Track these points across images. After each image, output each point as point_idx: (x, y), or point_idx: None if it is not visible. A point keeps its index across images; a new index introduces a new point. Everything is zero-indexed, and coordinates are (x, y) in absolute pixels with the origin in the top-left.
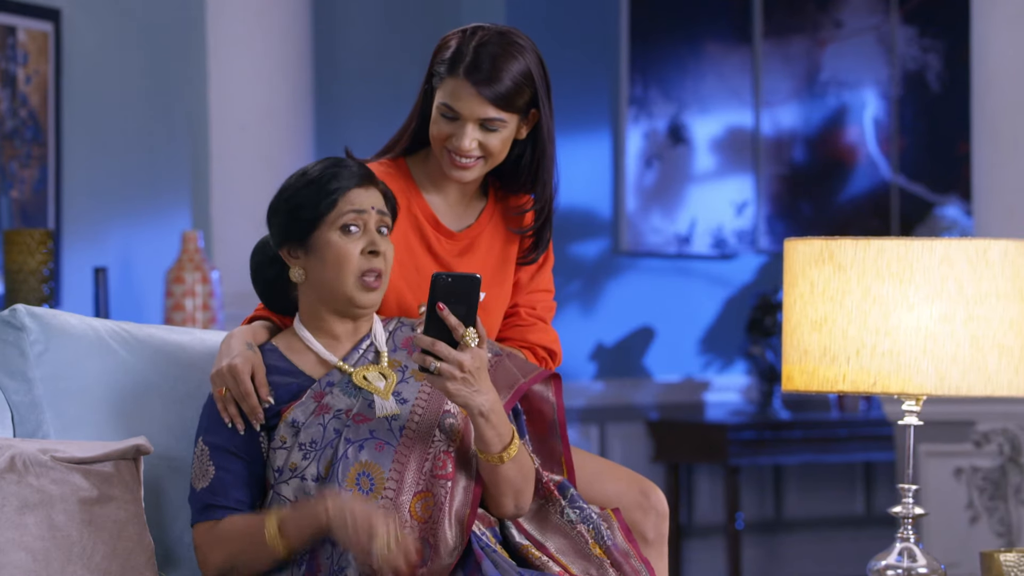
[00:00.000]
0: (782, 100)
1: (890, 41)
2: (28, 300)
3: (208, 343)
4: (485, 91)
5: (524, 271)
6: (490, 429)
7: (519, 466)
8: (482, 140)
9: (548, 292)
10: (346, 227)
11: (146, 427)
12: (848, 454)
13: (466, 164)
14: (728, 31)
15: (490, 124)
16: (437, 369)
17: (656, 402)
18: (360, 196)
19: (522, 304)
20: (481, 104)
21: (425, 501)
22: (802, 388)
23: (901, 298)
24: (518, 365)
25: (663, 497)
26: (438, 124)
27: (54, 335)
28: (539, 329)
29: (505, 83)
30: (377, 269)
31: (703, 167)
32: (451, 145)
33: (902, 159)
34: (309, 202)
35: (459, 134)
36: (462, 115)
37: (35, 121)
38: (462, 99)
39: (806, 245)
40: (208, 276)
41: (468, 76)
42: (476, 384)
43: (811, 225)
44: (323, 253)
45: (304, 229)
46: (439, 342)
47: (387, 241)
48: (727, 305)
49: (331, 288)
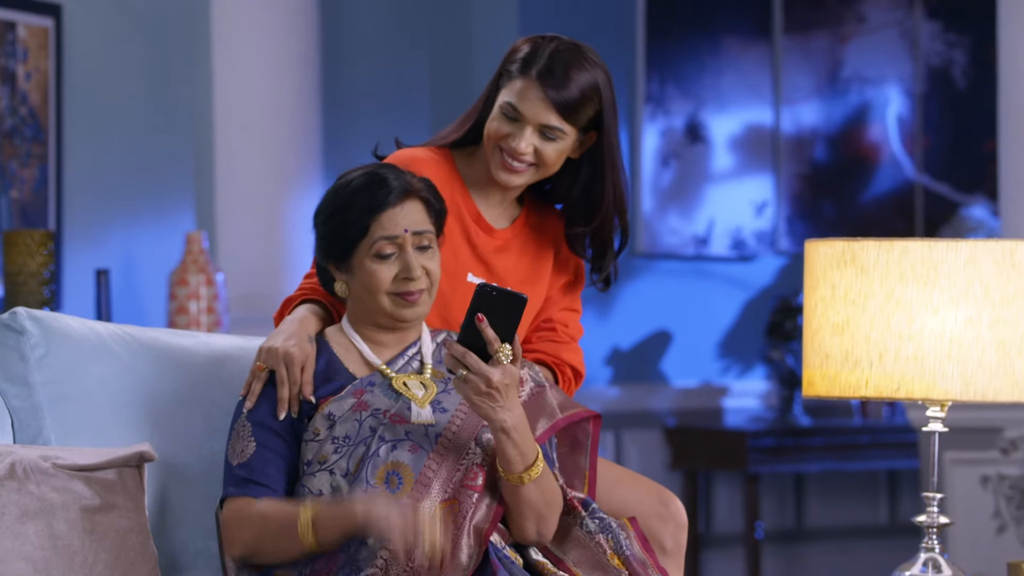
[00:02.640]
0: (803, 97)
1: (914, 36)
2: (28, 303)
3: (213, 347)
4: (553, 95)
5: (558, 286)
6: (511, 447)
7: (542, 490)
8: (538, 146)
9: (577, 313)
10: (379, 254)
11: (150, 433)
12: (871, 462)
13: (517, 168)
14: (747, 26)
15: (550, 132)
16: (464, 377)
17: (673, 408)
18: (394, 218)
19: (558, 320)
20: (546, 109)
21: (450, 509)
22: (823, 393)
23: (926, 301)
24: (560, 400)
25: (682, 507)
26: (497, 122)
27: (55, 339)
28: (571, 349)
29: (573, 92)
30: (413, 292)
31: (721, 166)
32: (506, 145)
33: (926, 158)
34: (342, 228)
35: (517, 136)
36: (524, 116)
37: (35, 119)
38: (528, 100)
39: (828, 246)
40: (213, 278)
41: (539, 79)
42: (502, 400)
43: (833, 226)
44: (359, 276)
45: (340, 253)
46: (470, 353)
47: (429, 256)
48: (746, 308)
49: (371, 307)
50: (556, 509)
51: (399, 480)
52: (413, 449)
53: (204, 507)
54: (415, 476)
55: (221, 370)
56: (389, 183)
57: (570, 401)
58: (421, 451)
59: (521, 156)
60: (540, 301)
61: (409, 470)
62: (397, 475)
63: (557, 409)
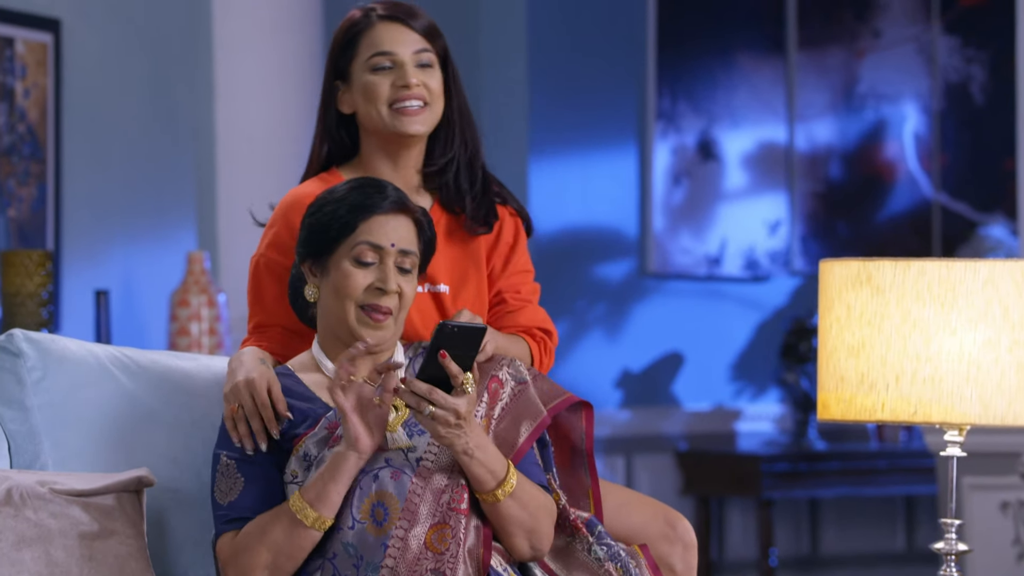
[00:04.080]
0: (817, 114)
1: (931, 51)
2: (26, 324)
3: (214, 369)
4: (411, 23)
5: (496, 256)
6: (477, 466)
7: (522, 504)
8: (424, 80)
9: (528, 272)
10: (359, 259)
11: (149, 458)
12: (888, 487)
13: (414, 109)
14: (760, 41)
15: (424, 59)
16: (432, 414)
17: (685, 432)
18: (383, 227)
19: (505, 289)
20: (412, 37)
21: (441, 533)
22: (839, 417)
23: (943, 322)
24: (545, 390)
25: (690, 528)
26: (375, 77)
27: (52, 361)
28: (529, 311)
29: (425, 18)
30: (382, 307)
31: (734, 184)
32: (396, 90)
33: (944, 176)
34: (328, 223)
35: (402, 75)
36: (397, 54)
37: (33, 137)
38: (393, 38)
39: (843, 266)
40: (214, 299)
41: (391, 19)
42: (465, 427)
43: (848, 245)
44: (333, 277)
45: (321, 250)
46: (436, 390)
47: (407, 279)
48: (760, 330)
49: (336, 316)
50: (546, 519)
51: (385, 512)
52: (395, 476)
53: (205, 533)
54: (401, 504)
55: (221, 393)
56: (387, 191)
57: (556, 389)
58: (403, 476)
59: (414, 90)
60: (483, 280)
61: (394, 498)
62: (382, 506)
63: (541, 406)
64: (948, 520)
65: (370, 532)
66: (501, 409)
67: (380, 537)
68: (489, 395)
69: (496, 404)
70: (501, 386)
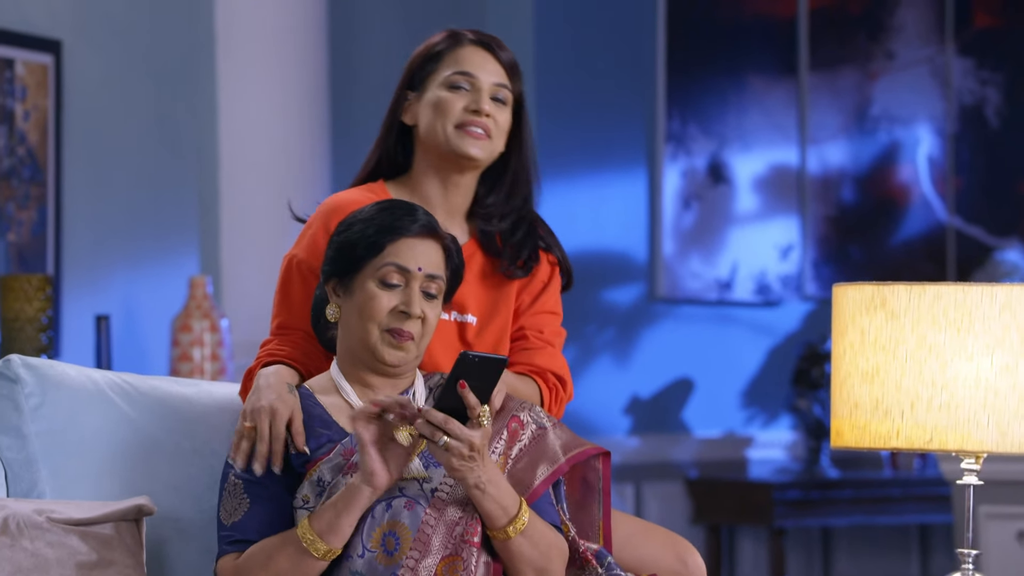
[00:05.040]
0: (830, 136)
1: (945, 73)
2: (25, 350)
3: (215, 395)
4: (499, 54)
5: (526, 292)
6: (489, 502)
7: (534, 542)
8: (494, 113)
9: (555, 315)
10: (385, 280)
11: (149, 486)
12: (902, 516)
13: (480, 134)
14: (772, 62)
15: (500, 94)
16: (446, 444)
17: (695, 459)
18: (411, 250)
19: (528, 327)
20: (496, 68)
21: (453, 565)
22: (853, 445)
23: (959, 348)
24: (564, 440)
25: (701, 562)
26: (450, 95)
27: (51, 387)
28: (548, 354)
29: (510, 54)
30: (405, 332)
31: (745, 208)
32: (466, 113)
33: (959, 200)
34: (356, 242)
35: (476, 99)
36: (478, 79)
37: (33, 160)
38: (477, 63)
39: (857, 291)
40: (217, 324)
41: (480, 45)
42: (479, 460)
43: (861, 270)
44: (357, 298)
45: (348, 269)
46: (452, 420)
47: (432, 305)
48: (771, 355)
49: (359, 337)
50: (557, 559)
51: (396, 541)
52: (409, 505)
53: (205, 562)
54: (413, 534)
55: (223, 420)
56: (417, 214)
57: (575, 439)
58: (417, 507)
59: (483, 118)
60: (509, 316)
61: (406, 528)
62: (394, 535)
63: (560, 452)
64: (965, 550)
65: (380, 561)
66: (519, 450)
67: (390, 567)
68: (509, 434)
69: (515, 444)
70: (521, 427)
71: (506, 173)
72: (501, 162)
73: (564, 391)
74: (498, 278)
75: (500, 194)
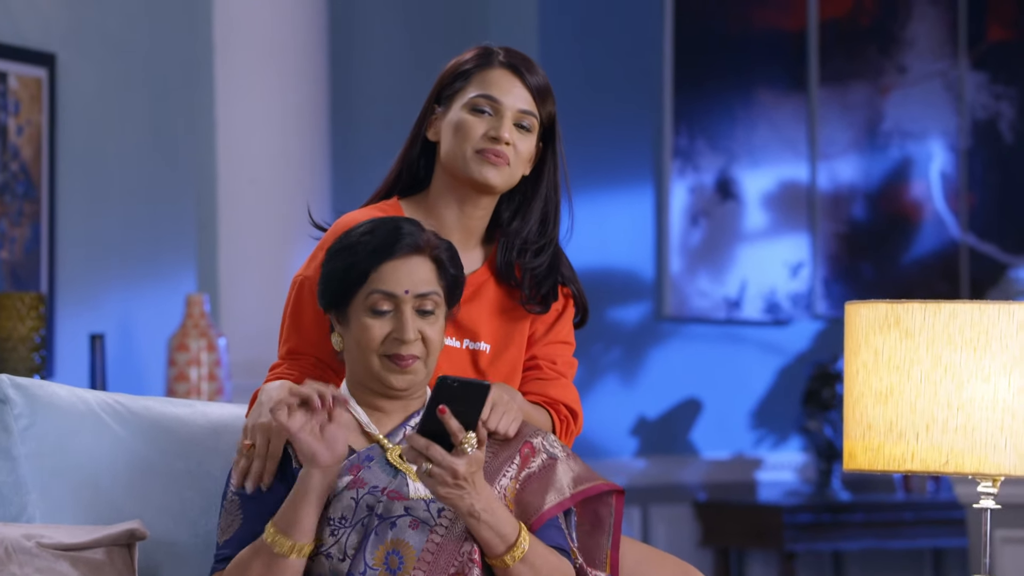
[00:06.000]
0: (840, 152)
1: (959, 88)
2: (18, 370)
3: (210, 416)
4: (528, 78)
5: (540, 321)
6: (485, 529)
7: (535, 569)
8: (515, 140)
9: (567, 345)
10: (375, 309)
11: (141, 510)
12: (915, 540)
13: (500, 162)
14: (781, 77)
15: (525, 121)
16: (429, 471)
17: (704, 481)
18: (395, 273)
19: (541, 357)
20: (523, 94)
21: None
22: (866, 467)
23: (976, 368)
24: (576, 472)
25: None
26: (471, 118)
27: (40, 408)
28: (561, 385)
29: (541, 77)
30: (405, 357)
31: (754, 225)
32: (486, 139)
33: (972, 216)
34: (342, 275)
35: (497, 126)
36: (502, 104)
37: (27, 175)
38: (503, 87)
39: (870, 309)
40: (214, 343)
41: (509, 67)
42: (469, 488)
43: (872, 288)
44: (353, 328)
45: (339, 301)
46: (434, 446)
47: (430, 322)
48: (781, 375)
49: (362, 367)
50: None
51: (400, 559)
52: (414, 525)
53: None
54: (417, 553)
55: (218, 441)
56: (401, 232)
57: (588, 472)
58: (423, 527)
59: (502, 146)
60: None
61: (410, 547)
62: (397, 554)
63: (569, 485)
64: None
65: None
66: (527, 476)
67: None
68: (521, 458)
69: (525, 469)
70: (533, 454)
71: (534, 199)
72: (529, 185)
73: (575, 424)
74: (512, 305)
75: (528, 221)
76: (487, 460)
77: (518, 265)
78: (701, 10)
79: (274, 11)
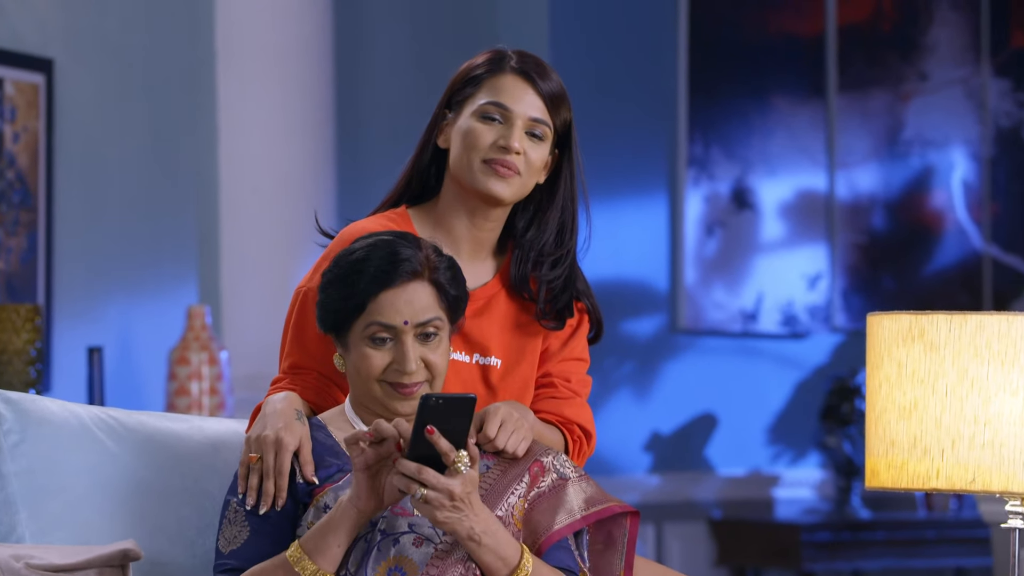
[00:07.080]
0: (860, 160)
1: (981, 95)
2: (13, 384)
3: (207, 432)
4: (540, 85)
5: (554, 337)
6: (486, 553)
7: None
8: (526, 148)
9: (582, 361)
10: (374, 338)
11: (136, 529)
12: (937, 559)
13: (509, 173)
14: (799, 84)
15: (536, 129)
16: (424, 497)
17: (719, 499)
18: (394, 303)
19: (555, 374)
20: (534, 101)
21: None
22: (889, 485)
23: (1004, 381)
24: (589, 494)
25: None
26: (480, 126)
27: (31, 424)
28: (576, 404)
29: (555, 84)
30: (409, 385)
31: (771, 235)
32: (495, 148)
33: (995, 226)
34: (339, 305)
35: (507, 135)
36: (512, 112)
37: (24, 184)
38: (514, 94)
39: (892, 321)
40: (216, 357)
41: (521, 73)
42: (467, 510)
43: (893, 300)
44: (353, 356)
45: (337, 326)
46: (426, 469)
47: (433, 346)
48: (798, 389)
49: (364, 391)
50: None
51: None
52: (418, 542)
53: None
54: (420, 570)
55: (216, 458)
56: (399, 257)
57: (601, 494)
58: (427, 544)
59: (512, 156)
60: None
61: (414, 564)
62: (400, 571)
63: (580, 507)
64: None
65: None
66: (537, 496)
67: None
68: (530, 477)
69: (534, 488)
70: (543, 473)
71: (550, 209)
72: (544, 194)
73: (588, 445)
74: (525, 319)
75: (544, 231)
76: (495, 478)
77: (533, 278)
78: (716, 15)
79: (278, 15)
